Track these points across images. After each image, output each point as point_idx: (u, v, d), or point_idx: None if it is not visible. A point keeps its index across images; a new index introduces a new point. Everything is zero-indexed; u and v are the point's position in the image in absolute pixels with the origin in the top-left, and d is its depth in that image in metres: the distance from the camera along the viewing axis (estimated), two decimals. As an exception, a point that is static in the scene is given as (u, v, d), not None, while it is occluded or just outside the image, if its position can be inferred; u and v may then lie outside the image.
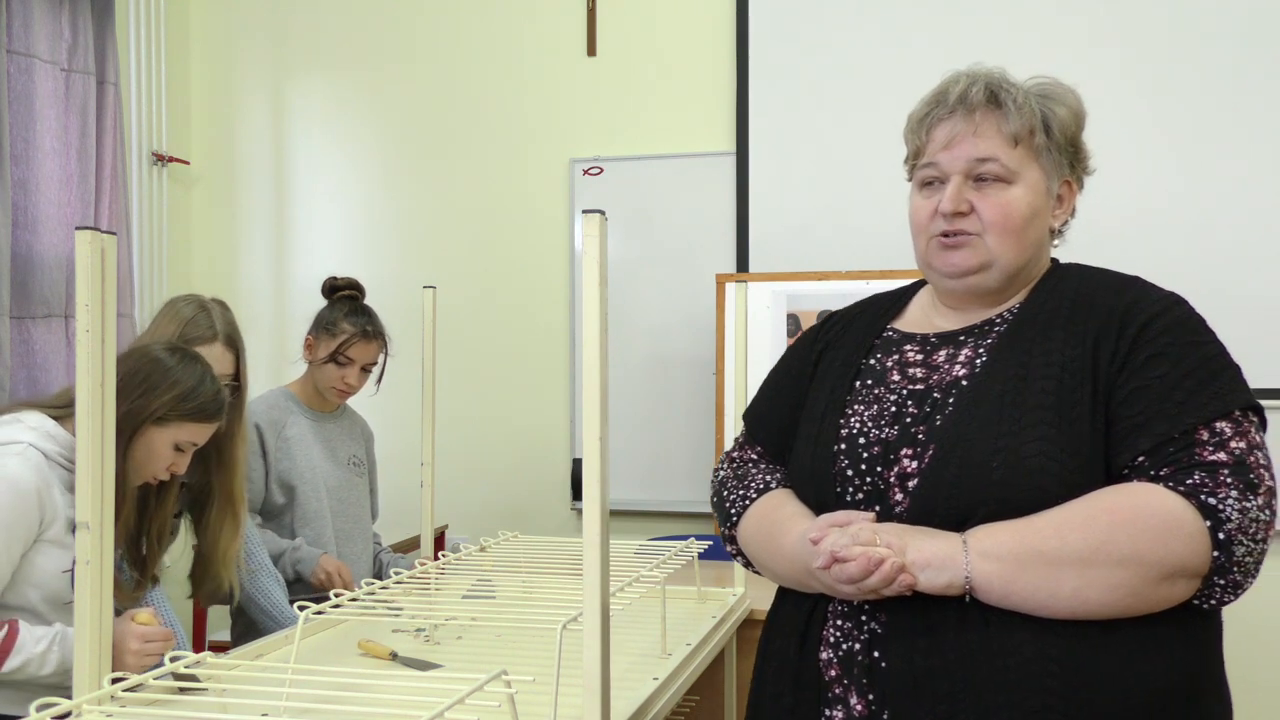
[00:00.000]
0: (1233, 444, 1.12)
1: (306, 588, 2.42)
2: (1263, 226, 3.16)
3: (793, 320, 3.30)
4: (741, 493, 1.41)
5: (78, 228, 1.36)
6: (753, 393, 2.82)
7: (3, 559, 1.73)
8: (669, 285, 3.61)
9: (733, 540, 1.42)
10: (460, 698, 1.22)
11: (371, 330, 2.56)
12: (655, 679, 1.68)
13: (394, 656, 1.84)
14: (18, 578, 1.77)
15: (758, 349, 3.29)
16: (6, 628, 1.71)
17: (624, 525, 3.51)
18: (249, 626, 2.38)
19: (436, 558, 2.16)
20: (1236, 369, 1.20)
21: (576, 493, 3.69)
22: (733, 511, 1.41)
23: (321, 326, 2.56)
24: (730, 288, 3.28)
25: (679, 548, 2.16)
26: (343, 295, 2.61)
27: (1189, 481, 1.10)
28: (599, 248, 1.24)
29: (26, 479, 1.74)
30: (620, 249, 3.62)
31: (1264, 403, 3.54)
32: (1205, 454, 1.11)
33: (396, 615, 1.85)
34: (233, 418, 2.20)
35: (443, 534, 3.61)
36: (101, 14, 3.47)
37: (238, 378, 2.21)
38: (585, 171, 3.70)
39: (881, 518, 1.21)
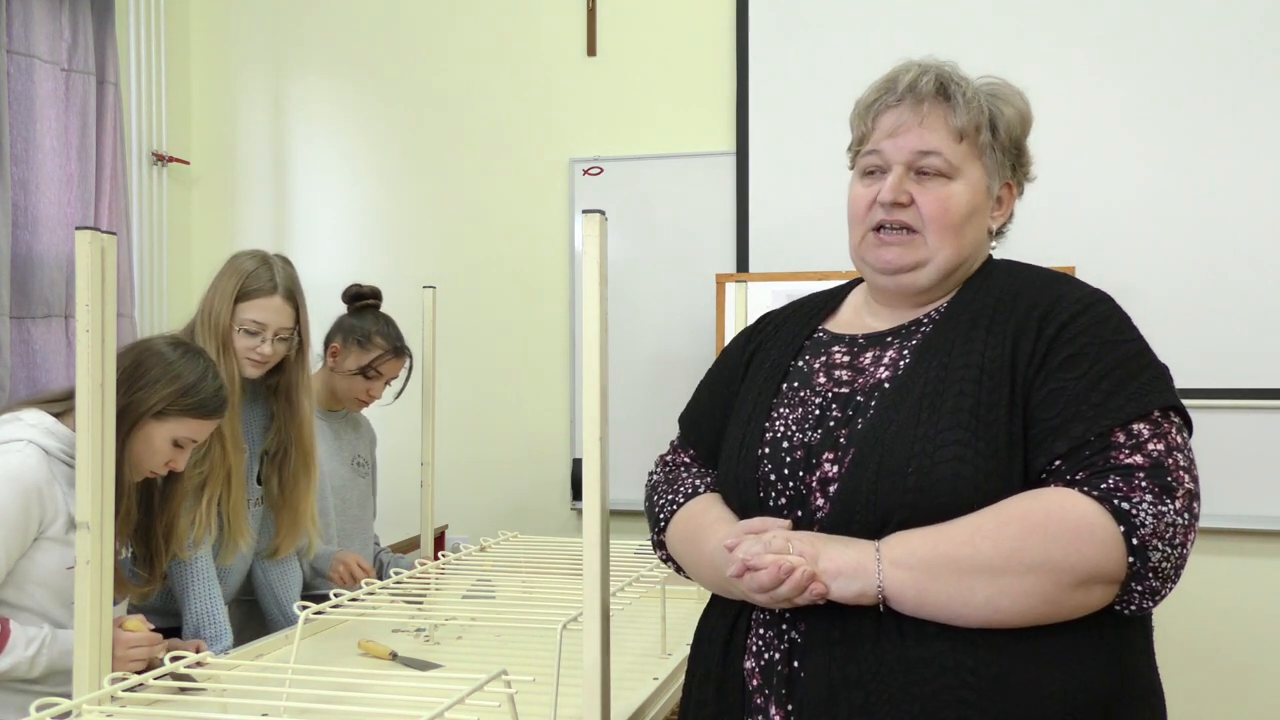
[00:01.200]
0: (1150, 446, 1.09)
1: (323, 585, 2.41)
2: (1263, 226, 3.16)
3: (793, 320, 3.29)
4: (670, 497, 1.38)
5: (78, 228, 1.36)
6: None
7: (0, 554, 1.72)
8: (669, 285, 3.61)
9: (661, 545, 1.40)
10: (460, 698, 1.22)
11: (402, 347, 2.59)
12: (655, 679, 1.69)
13: (394, 656, 1.85)
14: (24, 577, 1.77)
15: (758, 349, 3.28)
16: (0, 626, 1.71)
17: (624, 525, 3.50)
18: (248, 616, 2.37)
19: (436, 558, 2.16)
20: (1160, 368, 1.16)
21: (576, 493, 3.69)
22: (661, 517, 1.39)
23: (352, 337, 2.55)
24: (730, 288, 3.28)
25: (679, 548, 2.15)
26: (368, 305, 2.60)
27: (1103, 486, 1.07)
28: (599, 248, 1.25)
29: (26, 476, 1.74)
30: (620, 249, 3.62)
31: (1261, 403, 3.53)
32: (1121, 457, 1.08)
33: (415, 606, 1.85)
34: (297, 370, 2.26)
35: (443, 534, 3.61)
36: (101, 14, 3.48)
37: (299, 331, 2.24)
38: (585, 171, 3.70)
39: (802, 522, 1.19)
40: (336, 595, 1.71)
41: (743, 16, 3.56)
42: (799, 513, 1.20)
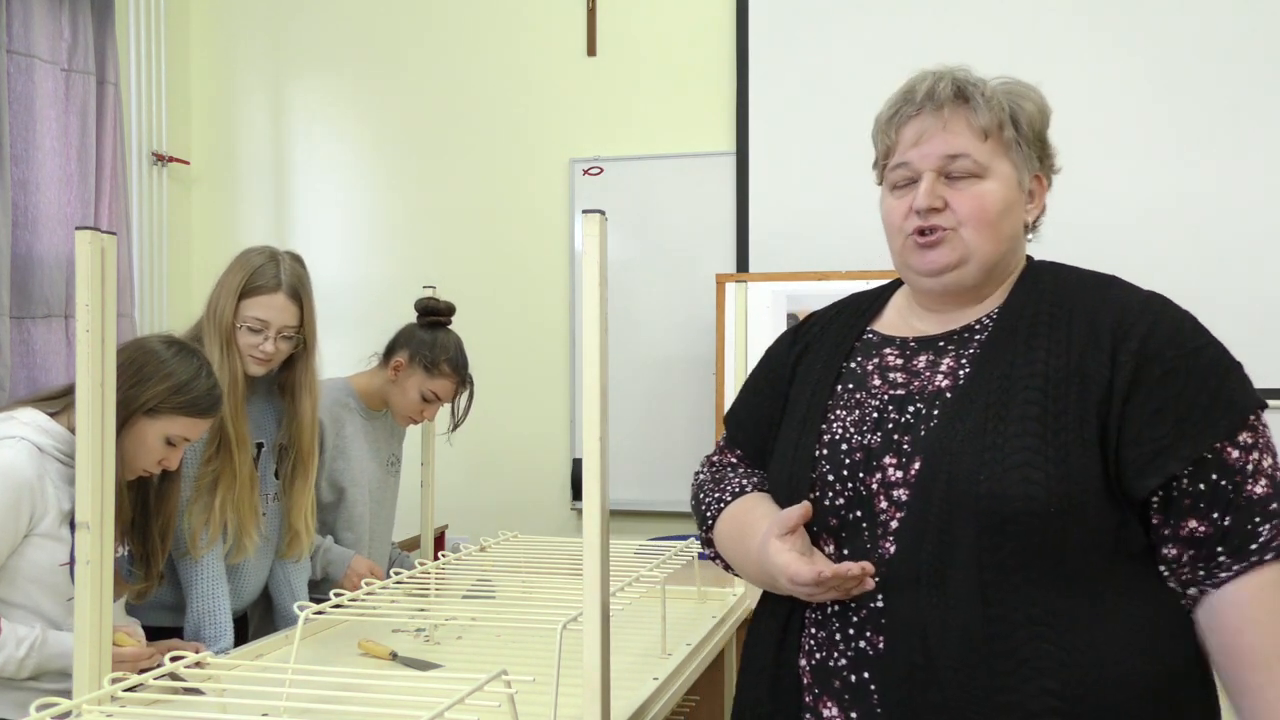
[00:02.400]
0: (1263, 462, 1.15)
1: (331, 587, 2.41)
2: (1263, 226, 3.16)
3: (792, 320, 3.29)
4: (717, 495, 1.40)
5: (78, 228, 1.36)
6: (752, 393, 2.75)
7: None
8: (669, 285, 3.61)
9: (709, 543, 1.42)
10: (460, 698, 1.22)
11: (467, 377, 2.56)
12: (655, 679, 1.69)
13: (394, 656, 1.85)
14: (16, 573, 1.78)
15: (758, 349, 3.26)
16: None
17: (624, 525, 3.50)
18: (265, 617, 2.37)
19: (436, 558, 2.16)
20: (1238, 365, 1.20)
21: (576, 493, 3.69)
22: (709, 514, 1.40)
23: (419, 358, 2.50)
24: (730, 288, 3.28)
25: (679, 548, 2.16)
26: (439, 322, 2.57)
27: (1262, 539, 1.12)
28: (599, 248, 1.25)
29: (17, 472, 1.74)
30: (620, 249, 3.62)
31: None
32: (1248, 486, 1.13)
33: (416, 606, 1.85)
34: (302, 369, 2.24)
35: (443, 534, 3.61)
36: (101, 14, 3.47)
37: (303, 330, 2.20)
38: (585, 171, 3.70)
39: (867, 524, 1.21)
40: (337, 595, 1.71)
41: (743, 16, 3.56)
42: (858, 513, 1.21)
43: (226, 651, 2.03)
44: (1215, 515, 1.13)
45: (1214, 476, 1.13)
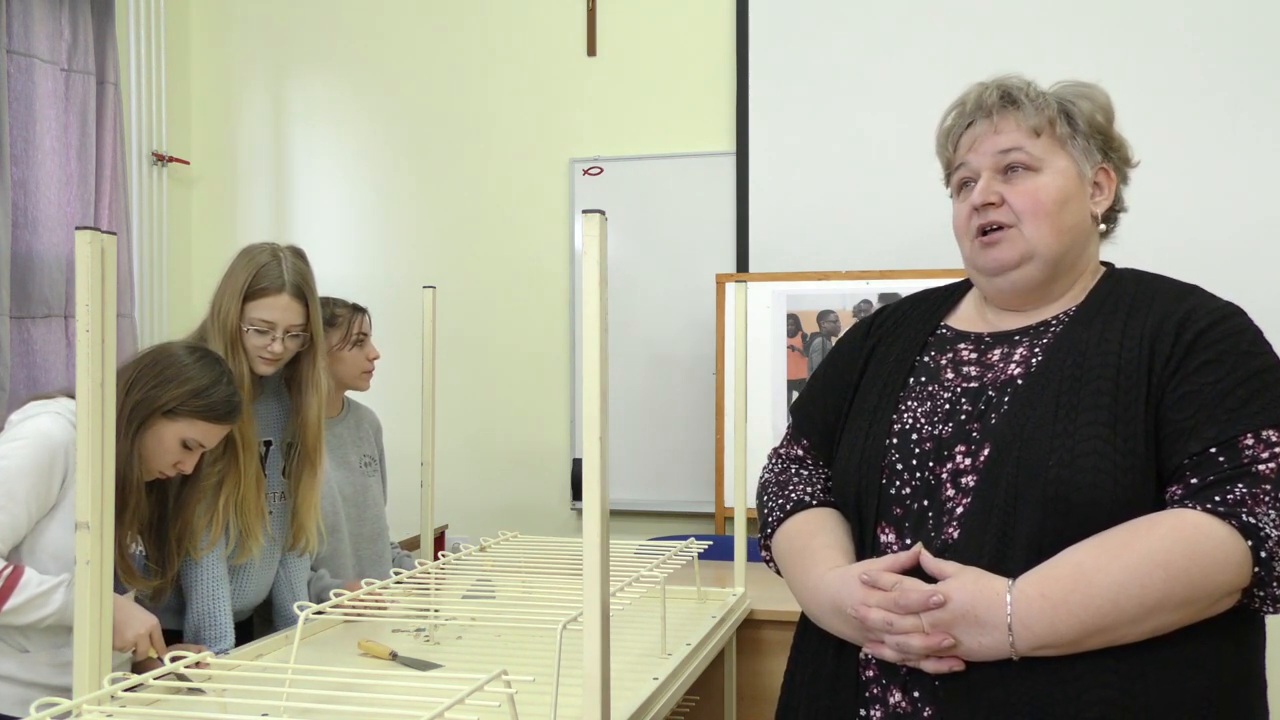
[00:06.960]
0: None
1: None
2: (1265, 225, 3.16)
3: (792, 320, 3.30)
4: (780, 502, 1.42)
5: (78, 228, 1.36)
6: (753, 393, 2.84)
7: (20, 505, 1.79)
8: (669, 285, 3.61)
9: (767, 549, 1.44)
10: (460, 698, 1.22)
11: (356, 305, 2.61)
12: (655, 679, 1.68)
13: (394, 656, 1.85)
14: (38, 547, 1.83)
15: (758, 349, 3.29)
16: (12, 568, 1.77)
17: (624, 525, 3.50)
18: (270, 621, 2.37)
19: (436, 558, 2.16)
20: None
21: (576, 493, 3.69)
22: (770, 520, 1.42)
23: (341, 329, 2.55)
24: (730, 288, 3.28)
25: (679, 548, 2.16)
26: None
27: (1229, 497, 1.10)
28: (599, 248, 1.24)
29: (55, 436, 1.82)
30: (620, 249, 3.62)
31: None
32: (1249, 463, 1.12)
33: (416, 606, 1.85)
34: (307, 366, 2.25)
35: (443, 534, 3.61)
36: (101, 14, 3.47)
37: (308, 327, 2.21)
38: (585, 171, 3.70)
39: (932, 513, 1.22)
40: (336, 595, 1.71)
41: (743, 16, 3.56)
42: (924, 502, 1.23)
43: (227, 653, 2.03)
44: (1212, 477, 1.13)
45: (1215, 453, 1.13)
